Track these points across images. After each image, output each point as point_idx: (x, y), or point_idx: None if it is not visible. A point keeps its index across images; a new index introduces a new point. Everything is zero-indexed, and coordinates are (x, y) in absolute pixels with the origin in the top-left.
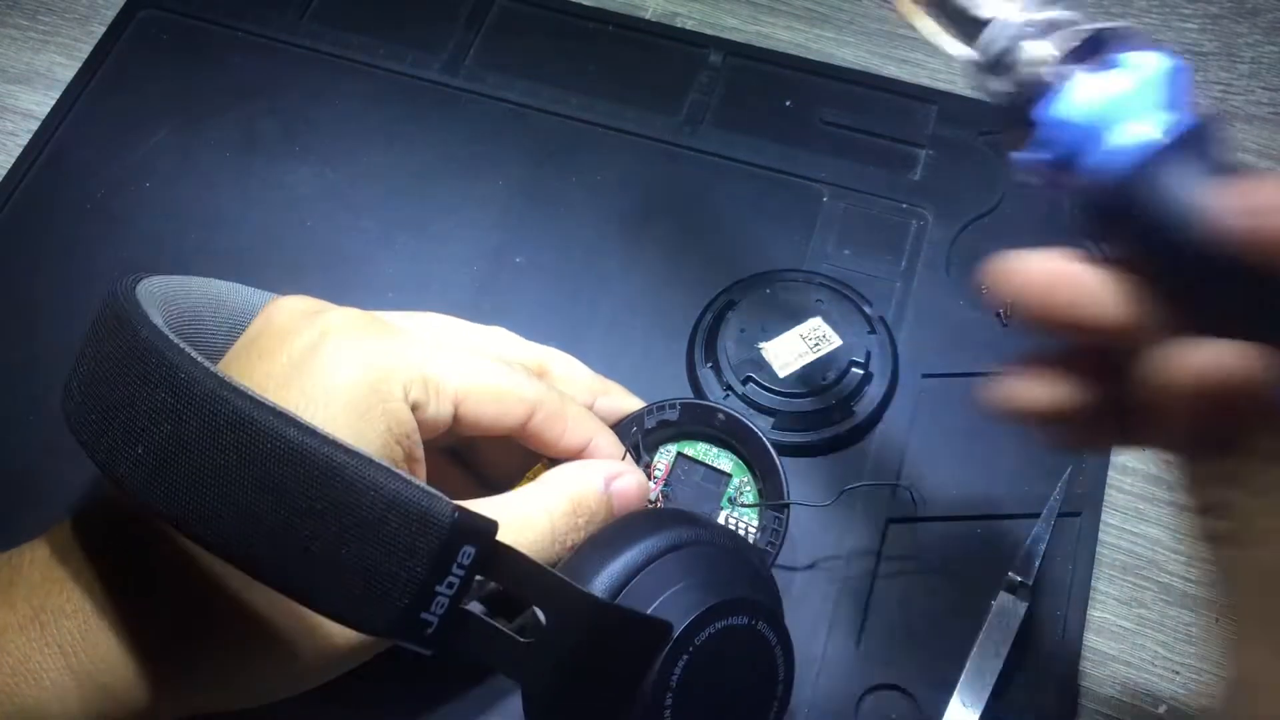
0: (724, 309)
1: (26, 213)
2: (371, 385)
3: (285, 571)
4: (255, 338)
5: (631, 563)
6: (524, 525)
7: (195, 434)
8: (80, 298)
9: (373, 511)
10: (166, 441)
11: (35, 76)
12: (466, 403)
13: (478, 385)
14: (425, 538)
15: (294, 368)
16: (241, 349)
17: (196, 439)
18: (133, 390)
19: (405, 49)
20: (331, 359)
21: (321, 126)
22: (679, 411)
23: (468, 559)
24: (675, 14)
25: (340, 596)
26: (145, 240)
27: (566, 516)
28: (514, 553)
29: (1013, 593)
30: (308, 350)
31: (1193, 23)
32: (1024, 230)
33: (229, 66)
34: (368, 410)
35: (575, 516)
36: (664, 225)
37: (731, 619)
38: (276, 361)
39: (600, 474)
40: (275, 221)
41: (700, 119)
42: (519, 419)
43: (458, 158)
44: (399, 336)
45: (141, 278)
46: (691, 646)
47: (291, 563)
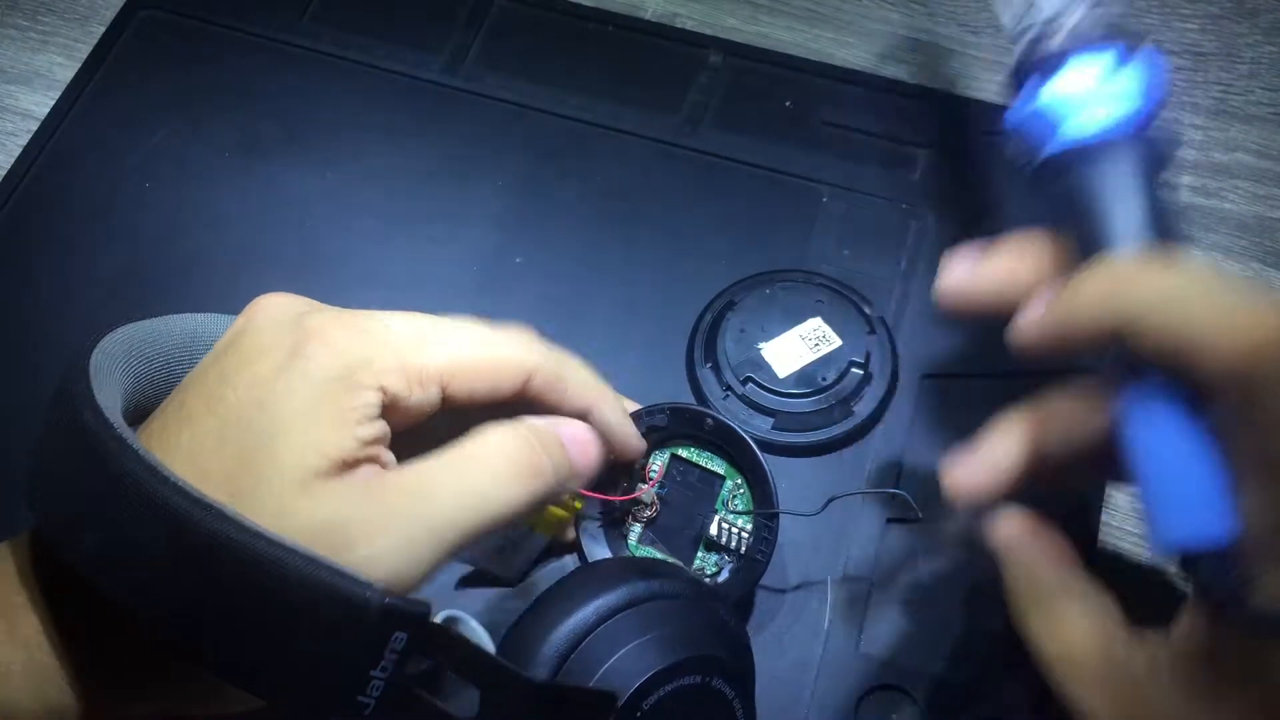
0: (724, 309)
1: (26, 213)
2: (341, 380)
3: (226, 661)
4: (236, 338)
5: (580, 625)
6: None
7: (132, 528)
8: (80, 298)
9: (304, 602)
10: (108, 533)
11: (35, 77)
12: (455, 381)
13: (464, 361)
14: (355, 626)
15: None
16: (222, 350)
17: (133, 533)
18: (76, 477)
19: (405, 49)
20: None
21: (321, 127)
22: (668, 416)
23: (400, 644)
24: (675, 14)
25: (278, 683)
26: (145, 240)
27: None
28: (449, 634)
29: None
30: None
31: (1193, 23)
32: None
33: (229, 66)
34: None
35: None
36: (664, 225)
37: (683, 679)
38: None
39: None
40: (275, 221)
41: (700, 119)
42: (514, 386)
43: (458, 158)
44: (375, 332)
45: (103, 336)
46: (639, 713)
47: (231, 653)
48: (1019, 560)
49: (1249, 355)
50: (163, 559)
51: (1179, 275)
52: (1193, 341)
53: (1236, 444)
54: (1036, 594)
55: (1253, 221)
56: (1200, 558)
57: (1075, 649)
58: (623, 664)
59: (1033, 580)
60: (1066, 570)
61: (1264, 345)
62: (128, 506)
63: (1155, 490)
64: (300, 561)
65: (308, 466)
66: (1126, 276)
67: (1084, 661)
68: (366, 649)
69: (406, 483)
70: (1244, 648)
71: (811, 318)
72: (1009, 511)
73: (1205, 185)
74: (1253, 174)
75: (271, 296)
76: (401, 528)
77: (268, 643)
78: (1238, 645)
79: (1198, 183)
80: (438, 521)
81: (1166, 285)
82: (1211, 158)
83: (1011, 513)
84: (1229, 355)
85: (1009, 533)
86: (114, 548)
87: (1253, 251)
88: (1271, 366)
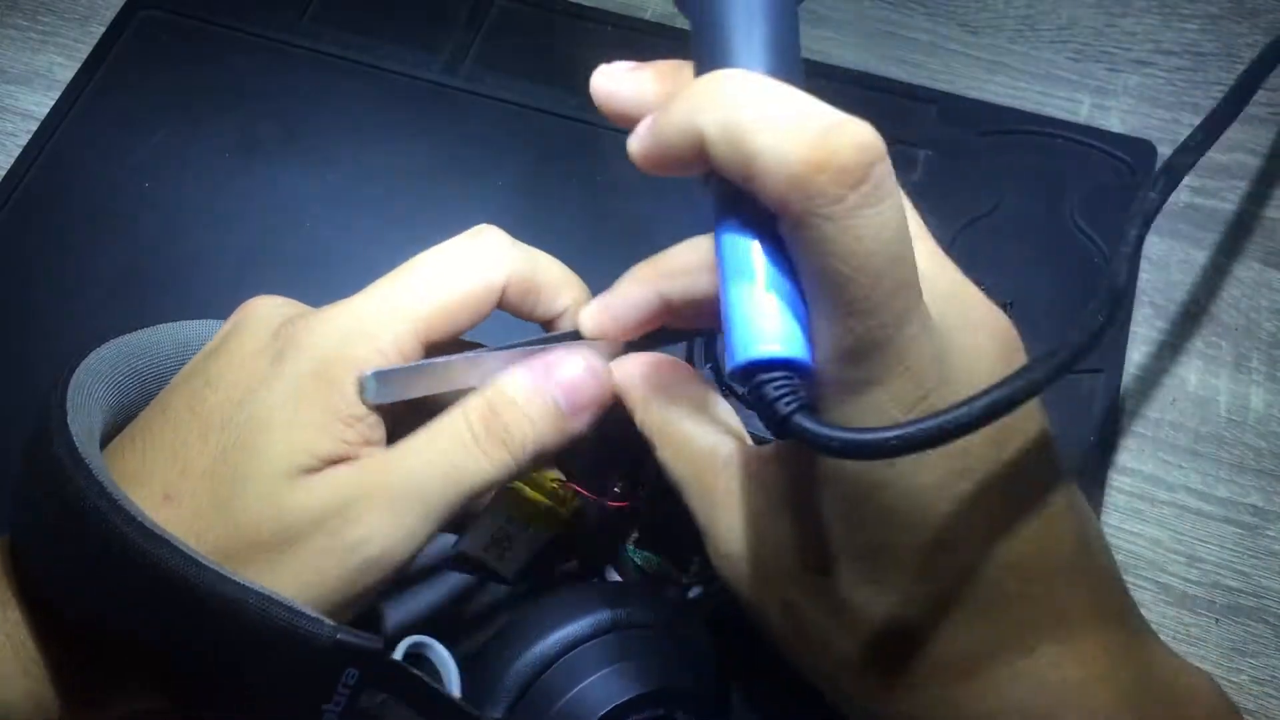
0: None
1: (26, 213)
2: (315, 376)
3: (180, 691)
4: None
5: (543, 655)
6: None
7: (90, 561)
8: (80, 298)
9: (258, 637)
10: (67, 562)
11: (35, 77)
12: (432, 332)
13: (435, 312)
14: (306, 663)
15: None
16: (209, 353)
17: (91, 566)
18: (42, 504)
19: (405, 49)
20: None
21: (321, 127)
22: None
23: (352, 679)
24: (675, 14)
25: (232, 715)
26: (145, 240)
27: (483, 419)
28: (402, 670)
29: None
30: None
31: (1193, 23)
32: (1024, 230)
33: (229, 66)
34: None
35: (492, 418)
36: (664, 225)
37: (645, 713)
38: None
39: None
40: (275, 221)
41: None
42: (489, 306)
43: (458, 158)
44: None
45: (90, 352)
46: None
47: (186, 683)
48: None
49: (800, 176)
50: (119, 592)
51: (753, 94)
52: (752, 160)
53: (801, 266)
54: (663, 420)
55: (1252, 221)
56: (761, 379)
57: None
58: (585, 696)
59: (656, 407)
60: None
61: (813, 165)
62: (87, 539)
63: (730, 312)
64: (254, 598)
65: (298, 464)
66: (707, 93)
67: (701, 477)
68: (318, 684)
69: (390, 462)
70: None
71: None
72: (626, 356)
73: (1205, 185)
74: (1253, 174)
75: (259, 300)
76: (388, 504)
77: (222, 675)
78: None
79: (1198, 183)
80: (420, 495)
81: (738, 103)
82: (1211, 158)
83: (629, 356)
84: (780, 174)
85: (629, 370)
86: (73, 579)
87: (1253, 251)
88: (819, 188)
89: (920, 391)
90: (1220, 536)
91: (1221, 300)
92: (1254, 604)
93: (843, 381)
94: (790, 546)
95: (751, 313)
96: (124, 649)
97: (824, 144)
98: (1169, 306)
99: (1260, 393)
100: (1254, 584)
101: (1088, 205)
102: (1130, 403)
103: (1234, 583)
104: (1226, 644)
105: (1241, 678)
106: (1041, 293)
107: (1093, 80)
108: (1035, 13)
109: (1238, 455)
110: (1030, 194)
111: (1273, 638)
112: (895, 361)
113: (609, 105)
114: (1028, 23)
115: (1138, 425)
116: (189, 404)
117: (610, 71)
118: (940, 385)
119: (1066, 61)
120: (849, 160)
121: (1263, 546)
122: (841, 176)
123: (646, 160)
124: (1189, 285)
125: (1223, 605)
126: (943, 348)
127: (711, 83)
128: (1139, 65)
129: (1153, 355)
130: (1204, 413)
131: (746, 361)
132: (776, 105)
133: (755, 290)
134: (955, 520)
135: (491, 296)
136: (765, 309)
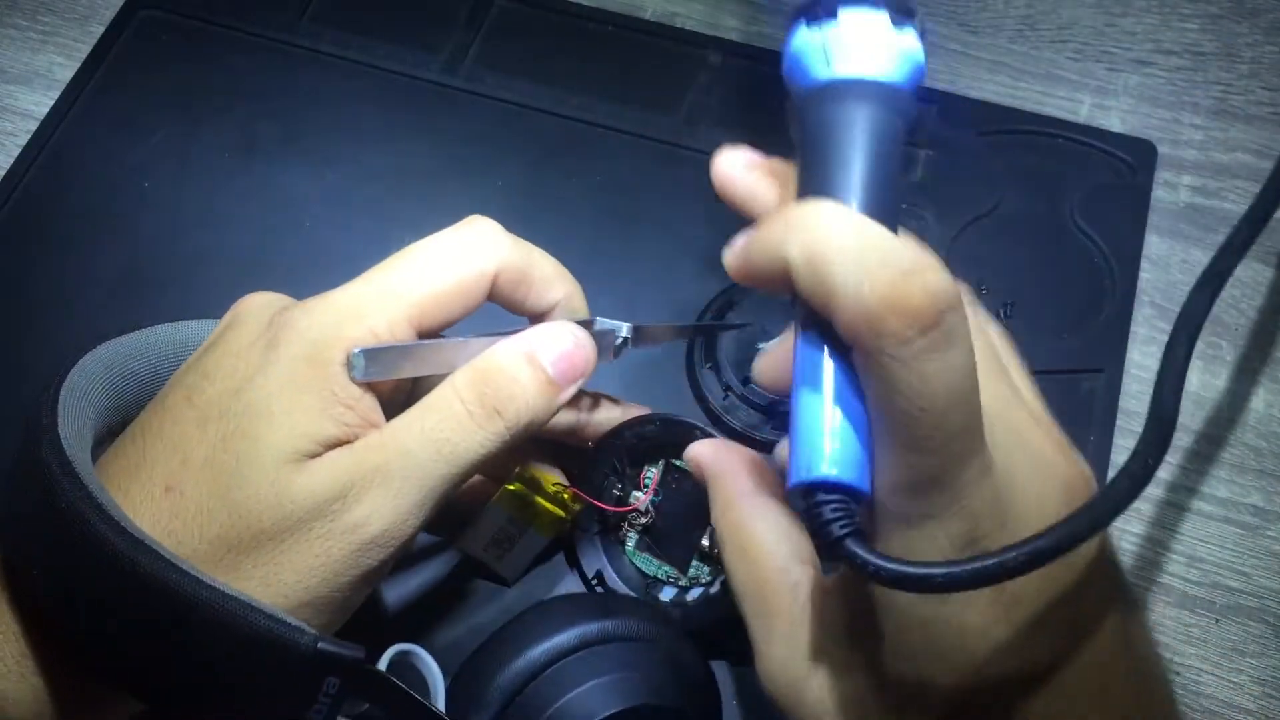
0: (724, 309)
1: (26, 213)
2: (309, 360)
3: (165, 699)
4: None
5: (529, 666)
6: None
7: (74, 566)
8: (80, 298)
9: (241, 645)
10: (52, 567)
11: (35, 76)
12: (424, 318)
13: (429, 298)
14: (287, 671)
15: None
16: (204, 350)
17: (76, 573)
18: (31, 511)
19: (405, 49)
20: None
21: (321, 127)
22: (658, 427)
23: (333, 688)
24: (675, 14)
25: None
26: (145, 240)
27: (474, 388)
28: (382, 679)
29: None
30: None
31: (1193, 23)
32: (1024, 230)
33: (229, 66)
34: (306, 386)
35: (483, 386)
36: (663, 225)
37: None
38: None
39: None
40: (275, 222)
41: (700, 119)
42: (481, 294)
43: (458, 158)
44: (338, 304)
45: (83, 354)
46: None
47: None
48: (717, 476)
49: (873, 315)
50: (102, 599)
51: (840, 229)
52: (831, 293)
53: (869, 398)
54: (742, 525)
55: None
56: (817, 500)
57: (763, 581)
58: (569, 708)
59: (740, 511)
60: (774, 510)
61: (887, 306)
62: (72, 545)
63: (798, 428)
64: (237, 606)
65: (297, 450)
66: (797, 222)
67: (764, 594)
68: (300, 691)
69: (386, 441)
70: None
71: None
72: (723, 443)
73: (1205, 185)
74: (1253, 174)
75: (252, 296)
76: (385, 484)
77: (204, 680)
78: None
79: (1198, 183)
80: (417, 473)
81: (824, 236)
82: (1211, 158)
83: (726, 444)
84: (855, 310)
85: (724, 462)
86: (59, 585)
87: (1253, 251)
88: (890, 328)
89: (975, 532)
90: (1220, 536)
91: (1223, 300)
92: (1254, 604)
93: (899, 512)
94: (839, 683)
95: (817, 433)
96: (109, 654)
97: (900, 287)
98: (1169, 306)
99: (1260, 393)
100: (1254, 584)
101: (1088, 205)
102: (1130, 403)
103: (1234, 583)
104: (1226, 644)
105: (1241, 678)
106: (1041, 292)
107: (1093, 80)
108: (1035, 13)
109: (1238, 455)
110: (1030, 194)
111: (1273, 638)
112: (952, 500)
113: (724, 191)
114: (1028, 23)
115: (1137, 425)
116: (187, 397)
117: (733, 159)
118: (997, 529)
119: (1066, 61)
120: (921, 305)
121: (1263, 546)
122: (912, 320)
123: (737, 275)
124: (1189, 285)
125: (1223, 605)
126: (1003, 491)
127: (802, 213)
128: (1139, 65)
129: (1153, 355)
130: (1204, 413)
131: (808, 480)
132: (860, 243)
133: (824, 411)
134: (998, 665)
135: (483, 284)
136: (831, 431)
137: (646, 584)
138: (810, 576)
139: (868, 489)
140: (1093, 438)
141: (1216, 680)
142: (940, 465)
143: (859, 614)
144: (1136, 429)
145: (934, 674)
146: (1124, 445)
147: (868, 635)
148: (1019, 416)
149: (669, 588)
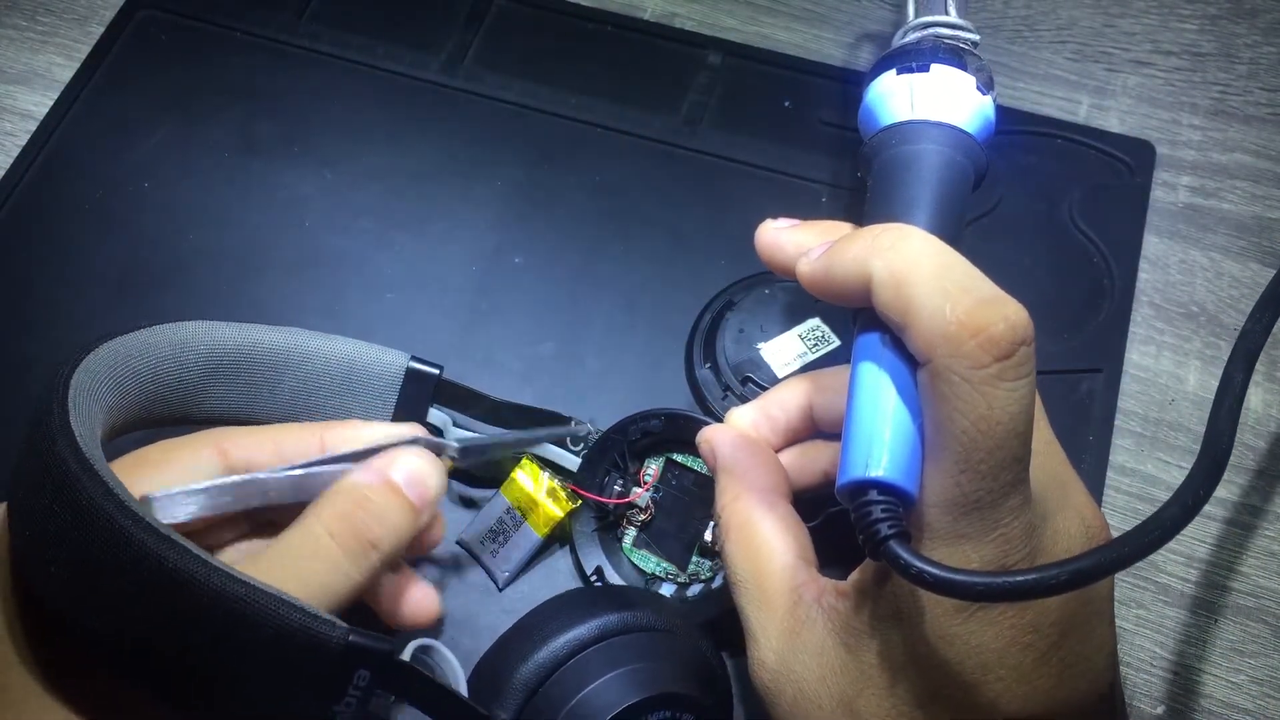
0: (723, 309)
1: (26, 213)
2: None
3: (191, 696)
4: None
5: (550, 659)
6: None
7: (97, 563)
8: (80, 298)
9: (269, 639)
10: (73, 565)
11: (34, 77)
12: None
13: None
14: (318, 664)
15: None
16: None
17: (98, 568)
18: (47, 507)
19: (404, 49)
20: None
21: (321, 126)
22: (661, 423)
23: (363, 681)
24: (674, 14)
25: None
26: (144, 240)
27: (345, 523)
28: (412, 671)
29: None
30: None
31: (1191, 23)
32: (1023, 230)
33: (228, 66)
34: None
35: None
36: (663, 225)
37: (651, 715)
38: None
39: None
40: (274, 221)
41: (699, 119)
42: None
43: (457, 158)
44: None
45: (88, 353)
46: None
47: (196, 688)
48: (730, 467)
49: (952, 334)
50: (127, 594)
51: (927, 252)
52: (912, 309)
53: (928, 414)
54: (749, 520)
55: (1252, 221)
56: (867, 499)
57: (765, 575)
58: (591, 699)
59: (746, 505)
60: (782, 508)
61: (967, 328)
62: (95, 541)
63: (852, 430)
64: (265, 599)
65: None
66: (881, 245)
67: (765, 586)
68: (330, 684)
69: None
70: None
71: (811, 318)
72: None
73: (1204, 185)
74: (1252, 174)
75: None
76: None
77: (232, 676)
78: (884, 592)
79: (1197, 183)
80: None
81: (910, 255)
82: (1210, 158)
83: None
84: (934, 328)
85: (736, 452)
86: (79, 581)
87: (1252, 252)
88: (967, 350)
89: (1006, 560)
90: (1220, 536)
91: (1221, 300)
92: (1254, 604)
93: (939, 527)
94: (836, 682)
95: (872, 436)
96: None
97: (981, 313)
98: (1167, 307)
99: (1259, 393)
100: (1254, 584)
101: (1086, 205)
102: (1130, 403)
103: (1234, 583)
104: (1226, 644)
105: (1241, 678)
106: (1040, 292)
107: (1091, 80)
108: (1034, 13)
109: (1237, 455)
110: (1029, 194)
111: (1272, 638)
112: (992, 525)
113: (772, 258)
114: (1026, 23)
115: (1137, 425)
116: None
117: (774, 227)
118: (1025, 561)
119: (1065, 62)
120: (1000, 333)
121: (1262, 546)
122: (989, 345)
123: (812, 283)
124: (1189, 285)
125: (1223, 605)
126: (1036, 525)
127: (889, 232)
128: (1138, 65)
129: (1152, 355)
130: (1203, 413)
131: (859, 478)
132: (945, 267)
133: (880, 418)
134: (1007, 686)
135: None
136: (886, 436)
137: (645, 581)
138: (814, 578)
139: (915, 497)
140: (1091, 438)
141: (1215, 680)
142: (988, 490)
143: (865, 620)
144: (1135, 429)
145: (941, 688)
146: (1122, 445)
147: (873, 641)
148: (1057, 461)
149: (668, 584)
